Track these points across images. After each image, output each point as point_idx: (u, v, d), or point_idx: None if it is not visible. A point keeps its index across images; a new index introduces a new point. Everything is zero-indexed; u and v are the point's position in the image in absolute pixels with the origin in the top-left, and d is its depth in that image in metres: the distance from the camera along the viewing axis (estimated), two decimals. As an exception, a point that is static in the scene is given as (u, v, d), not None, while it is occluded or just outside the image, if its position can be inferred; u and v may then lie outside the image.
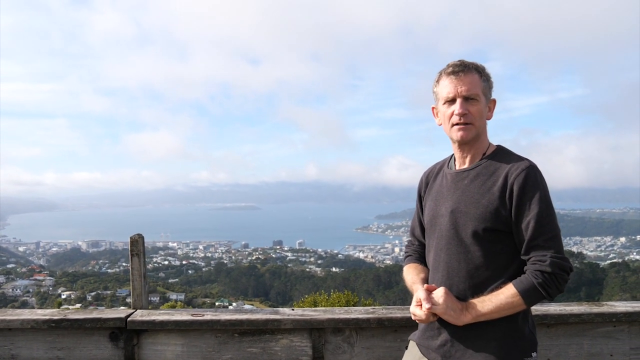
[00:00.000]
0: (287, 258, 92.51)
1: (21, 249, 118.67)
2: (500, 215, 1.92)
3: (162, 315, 3.02)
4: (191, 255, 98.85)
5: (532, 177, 1.91)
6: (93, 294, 55.80)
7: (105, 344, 2.95)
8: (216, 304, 47.98)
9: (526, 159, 1.97)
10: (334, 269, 78.70)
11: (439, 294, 1.93)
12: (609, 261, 70.48)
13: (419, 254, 2.26)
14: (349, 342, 2.92)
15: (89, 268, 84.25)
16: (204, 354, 2.94)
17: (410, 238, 2.36)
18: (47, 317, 2.96)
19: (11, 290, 59.37)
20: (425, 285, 2.01)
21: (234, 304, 48.04)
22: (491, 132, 2.10)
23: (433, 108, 2.14)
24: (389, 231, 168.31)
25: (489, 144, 2.08)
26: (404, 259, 2.35)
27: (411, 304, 2.02)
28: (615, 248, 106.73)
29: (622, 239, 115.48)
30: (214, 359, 2.94)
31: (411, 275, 2.17)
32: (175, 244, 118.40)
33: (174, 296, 52.78)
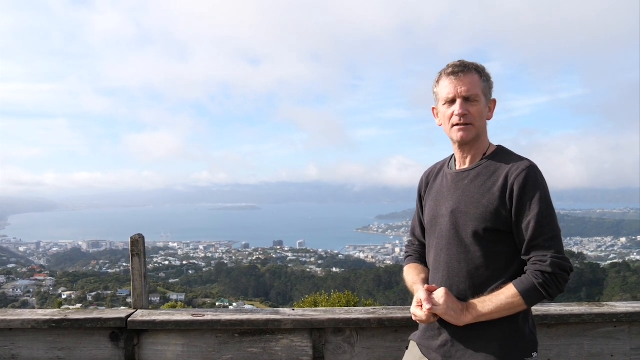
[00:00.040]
0: (288, 258, 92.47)
1: (22, 249, 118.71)
2: (500, 216, 1.92)
3: (162, 315, 3.02)
4: (191, 255, 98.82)
5: (533, 177, 1.90)
6: (93, 294, 55.81)
7: (106, 344, 2.96)
8: (216, 304, 47.97)
9: (526, 159, 1.97)
10: (334, 269, 78.65)
11: (440, 294, 1.93)
12: (609, 261, 70.42)
13: (419, 254, 2.26)
14: (349, 342, 2.92)
15: (90, 268, 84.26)
16: (205, 354, 2.95)
17: (410, 238, 2.36)
18: (48, 317, 2.96)
19: (12, 290, 59.38)
20: (426, 285, 2.01)
21: (234, 304, 48.05)
22: (491, 132, 2.09)
23: (433, 108, 2.14)
24: (389, 231, 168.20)
25: (490, 144, 2.08)
26: (404, 258, 2.35)
27: (412, 304, 2.03)
28: (615, 248, 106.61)
29: (623, 240, 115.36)
30: (214, 359, 2.94)
31: (412, 275, 2.17)
32: (175, 244, 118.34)
33: (174, 296, 52.74)
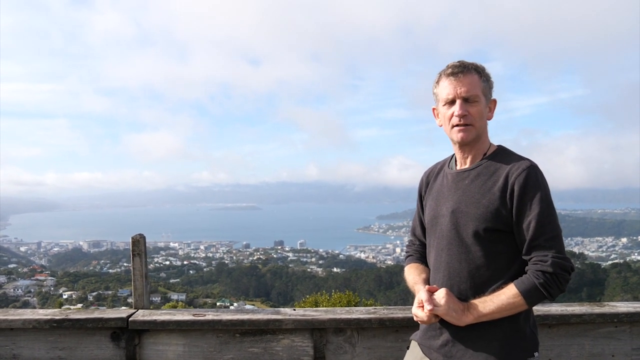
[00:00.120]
0: (288, 258, 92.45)
1: (22, 249, 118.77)
2: (501, 215, 1.91)
3: (163, 315, 3.02)
4: (192, 255, 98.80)
5: (533, 177, 1.90)
6: (94, 294, 55.83)
7: (107, 343, 2.96)
8: (217, 304, 47.95)
9: (527, 159, 1.97)
10: (335, 270, 78.63)
11: (441, 295, 1.93)
12: (610, 262, 70.36)
13: (420, 253, 2.26)
14: (350, 342, 2.92)
15: (90, 268, 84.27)
16: (206, 354, 2.95)
17: (411, 238, 2.35)
18: (49, 317, 2.96)
19: (12, 290, 59.37)
20: (427, 286, 2.01)
21: (235, 304, 48.05)
22: (491, 133, 2.08)
23: (434, 109, 2.14)
24: (390, 231, 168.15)
25: (490, 144, 2.08)
26: (405, 258, 2.35)
27: (413, 304, 2.03)
28: (616, 249, 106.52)
29: (624, 240, 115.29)
30: (215, 359, 2.95)
31: (412, 275, 2.17)
32: (176, 244, 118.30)
33: (175, 296, 52.70)
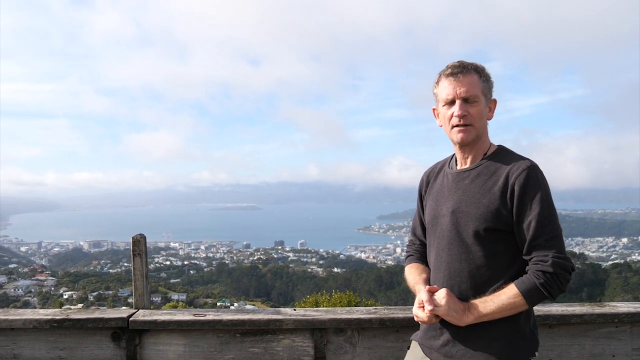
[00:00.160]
0: (289, 258, 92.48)
1: (23, 249, 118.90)
2: (501, 215, 1.91)
3: (164, 315, 3.02)
4: (193, 255, 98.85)
5: (533, 177, 1.90)
6: (95, 294, 55.85)
7: (107, 343, 2.96)
8: (218, 304, 47.96)
9: (527, 158, 1.97)
10: (335, 270, 78.67)
11: (441, 295, 1.93)
12: (610, 262, 70.35)
13: (420, 253, 2.26)
14: (351, 342, 2.92)
15: (91, 268, 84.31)
16: (206, 354, 2.95)
17: (411, 237, 2.35)
18: (50, 316, 2.96)
19: (13, 290, 59.40)
20: (427, 286, 2.01)
21: (235, 304, 48.07)
22: (492, 133, 2.08)
23: (434, 109, 2.14)
24: (390, 231, 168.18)
25: (490, 144, 2.08)
26: (405, 258, 2.35)
27: (414, 305, 2.03)
28: (617, 249, 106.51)
29: (624, 240, 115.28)
30: (216, 359, 2.95)
31: (413, 275, 2.17)
32: (176, 244, 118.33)
33: (175, 296, 52.71)
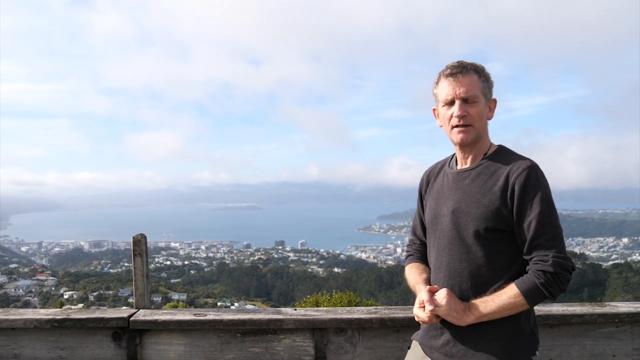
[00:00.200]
0: (289, 258, 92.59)
1: (23, 249, 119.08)
2: (501, 215, 1.91)
3: (164, 315, 3.02)
4: (193, 255, 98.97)
5: (534, 177, 1.90)
6: (95, 294, 55.93)
7: (108, 343, 2.96)
8: (218, 304, 48.00)
9: (528, 158, 1.97)
10: (336, 270, 78.76)
11: (442, 295, 1.93)
12: (611, 262, 70.42)
13: (420, 253, 2.26)
14: (351, 342, 2.92)
15: (91, 268, 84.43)
16: (207, 353, 2.95)
17: (411, 237, 2.35)
18: (50, 316, 2.97)
19: (14, 290, 59.49)
20: (428, 286, 2.01)
21: (236, 304, 48.10)
22: (492, 132, 2.09)
23: (434, 110, 2.14)
24: (391, 231, 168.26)
25: (491, 143, 2.08)
26: (405, 258, 2.35)
27: (414, 305, 2.03)
28: (617, 249, 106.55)
29: (625, 240, 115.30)
30: (216, 358, 2.95)
31: (413, 275, 2.17)
32: (177, 244, 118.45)
33: (176, 296, 52.77)
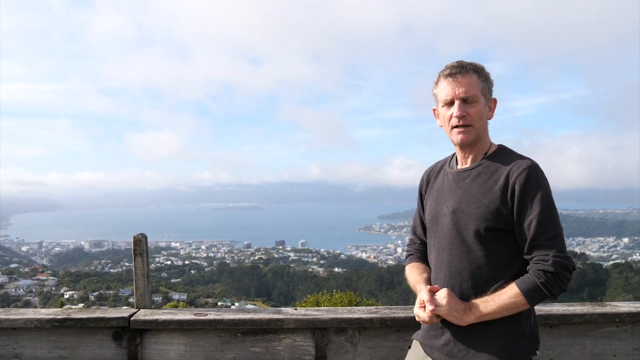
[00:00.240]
0: (290, 258, 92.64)
1: (24, 248, 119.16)
2: (501, 215, 1.91)
3: (165, 314, 3.02)
4: (194, 255, 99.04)
5: (534, 176, 1.90)
6: (96, 293, 55.93)
7: (109, 343, 2.96)
8: (219, 304, 47.97)
9: (528, 158, 1.97)
10: (336, 269, 78.79)
11: (442, 295, 1.93)
12: (611, 262, 70.37)
13: (420, 252, 2.27)
14: (351, 341, 2.92)
15: (92, 268, 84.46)
16: (207, 353, 2.95)
17: (412, 237, 2.36)
18: (51, 316, 2.97)
19: (14, 290, 59.50)
20: (428, 286, 2.01)
21: (236, 304, 48.10)
22: (493, 132, 2.10)
23: (434, 110, 2.14)
24: (391, 231, 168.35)
25: (491, 143, 2.08)
26: (405, 257, 2.35)
27: (415, 304, 2.03)
28: (618, 249, 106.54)
29: (625, 240, 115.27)
30: (217, 358, 2.95)
31: (414, 274, 2.17)
32: (177, 244, 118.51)
33: (176, 296, 52.80)
